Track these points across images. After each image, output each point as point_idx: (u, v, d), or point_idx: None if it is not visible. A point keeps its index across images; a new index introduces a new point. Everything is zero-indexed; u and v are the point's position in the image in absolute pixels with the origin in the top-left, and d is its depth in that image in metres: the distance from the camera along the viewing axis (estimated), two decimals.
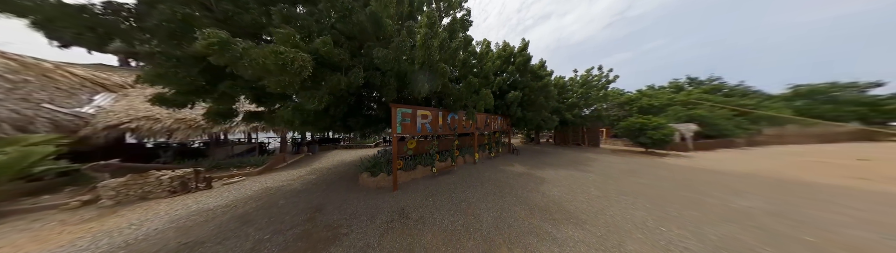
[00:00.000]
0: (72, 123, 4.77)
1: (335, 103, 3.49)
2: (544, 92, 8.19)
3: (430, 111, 5.18)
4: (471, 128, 6.75)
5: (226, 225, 3.05)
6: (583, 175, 5.64)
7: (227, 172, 6.03)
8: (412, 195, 4.09)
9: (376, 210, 3.43)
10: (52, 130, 4.58)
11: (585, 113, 11.96)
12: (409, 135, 4.80)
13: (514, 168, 6.47)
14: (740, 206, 3.57)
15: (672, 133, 10.04)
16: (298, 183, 5.24)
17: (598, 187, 4.55)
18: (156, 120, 5.43)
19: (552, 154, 9.65)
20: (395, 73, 3.56)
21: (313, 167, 7.23)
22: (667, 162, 7.93)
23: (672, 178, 5.45)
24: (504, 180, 5.09)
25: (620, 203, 3.66)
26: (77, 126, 4.82)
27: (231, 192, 4.65)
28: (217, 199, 4.20)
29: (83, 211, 3.66)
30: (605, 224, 2.91)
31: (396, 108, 4.30)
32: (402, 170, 4.99)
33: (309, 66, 2.39)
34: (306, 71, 2.39)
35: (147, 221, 3.22)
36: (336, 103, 3.55)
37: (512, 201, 3.73)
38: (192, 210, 3.65)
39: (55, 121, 4.66)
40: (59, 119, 4.65)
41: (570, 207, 3.46)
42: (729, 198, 3.95)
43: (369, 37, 3.37)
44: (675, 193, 4.20)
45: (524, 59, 8.24)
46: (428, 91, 3.69)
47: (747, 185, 4.84)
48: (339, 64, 2.98)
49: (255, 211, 3.53)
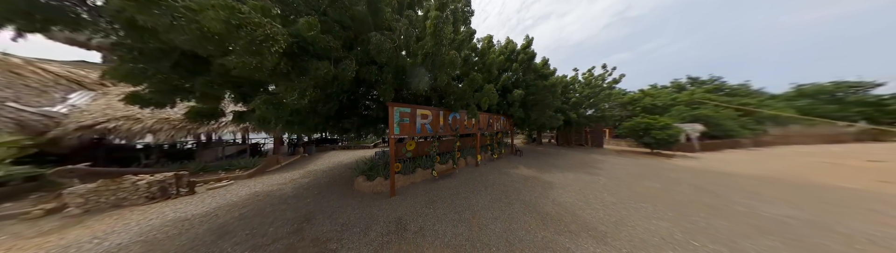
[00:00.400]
0: (40, 124, 4.39)
1: (323, 100, 3.09)
2: (550, 91, 7.87)
3: (430, 111, 4.84)
4: (473, 128, 6.42)
5: (201, 238, 2.70)
6: (592, 179, 5.32)
7: (214, 175, 5.67)
8: (411, 202, 3.75)
9: (371, 220, 3.09)
10: (17, 131, 4.20)
11: (589, 113, 11.65)
12: (408, 136, 4.46)
13: (519, 171, 6.14)
14: (771, 214, 3.26)
15: (678, 133, 9.76)
16: (290, 187, 4.89)
17: (611, 193, 4.23)
18: (136, 120, 5.07)
19: (556, 155, 9.33)
20: (393, 68, 3.20)
21: (308, 169, 6.88)
22: (676, 164, 7.64)
23: (686, 181, 5.15)
24: (510, 185, 4.76)
25: (640, 211, 3.34)
26: (46, 127, 4.45)
27: (215, 198, 4.29)
28: (198, 206, 3.85)
29: (45, 221, 3.30)
30: (628, 237, 2.58)
31: (394, 107, 3.96)
32: (400, 173, 4.65)
33: (281, 41, 1.96)
34: (277, 46, 1.95)
35: (113, 234, 2.87)
36: (324, 100, 3.14)
37: (521, 209, 3.40)
38: (168, 219, 3.29)
39: (20, 121, 4.27)
40: (25, 119, 4.27)
41: (586, 217, 3.13)
42: (755, 204, 3.64)
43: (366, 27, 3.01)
44: (695, 199, 3.89)
45: (528, 57, 7.92)
46: (428, 87, 3.33)
47: (768, 189, 4.54)
48: (328, 53, 2.61)
49: (236, 221, 3.18)
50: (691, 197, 4.02)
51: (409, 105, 4.33)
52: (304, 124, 3.52)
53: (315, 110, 3.34)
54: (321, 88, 2.81)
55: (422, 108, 4.64)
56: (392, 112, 3.93)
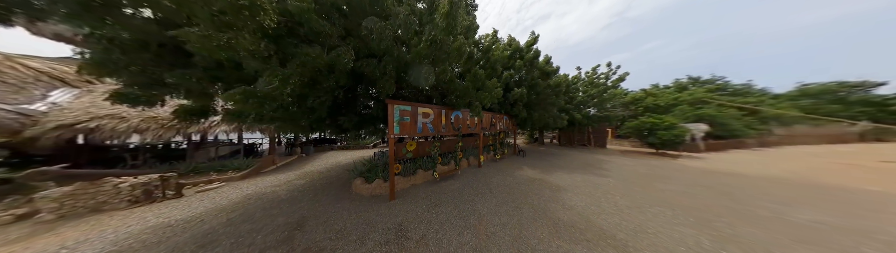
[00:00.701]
0: (16, 122, 4.13)
1: (314, 93, 2.81)
2: (554, 90, 7.64)
3: (432, 109, 4.60)
4: (476, 128, 6.18)
5: (181, 248, 2.45)
6: (601, 180, 5.08)
7: (205, 176, 5.41)
8: (412, 206, 3.51)
9: (369, 226, 2.84)
10: None
11: (592, 112, 11.43)
12: (409, 135, 4.22)
13: (524, 172, 5.91)
14: (800, 219, 3.02)
15: (684, 133, 9.55)
16: (284, 190, 4.64)
17: (624, 196, 4.00)
18: (121, 119, 4.80)
19: (560, 156, 9.10)
20: (394, 58, 2.93)
21: (304, 170, 6.62)
22: (684, 164, 7.41)
23: (699, 183, 4.92)
24: (515, 187, 4.52)
25: (659, 216, 3.10)
26: (22, 125, 4.19)
27: (203, 201, 4.04)
28: (184, 210, 3.59)
29: (15, 227, 3.05)
30: (651, 247, 2.34)
31: (394, 105, 3.72)
32: (400, 175, 4.41)
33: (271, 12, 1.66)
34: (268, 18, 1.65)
35: (85, 243, 2.61)
36: (315, 93, 2.82)
37: (530, 215, 3.16)
38: (148, 226, 3.04)
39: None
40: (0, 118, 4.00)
41: (601, 223, 2.89)
42: (780, 209, 3.41)
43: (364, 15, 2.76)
44: (714, 203, 3.65)
45: (533, 55, 7.69)
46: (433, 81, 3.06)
47: (787, 191, 4.31)
48: (321, 39, 2.35)
49: (223, 227, 2.93)
50: (709, 200, 3.79)
51: (409, 103, 4.09)
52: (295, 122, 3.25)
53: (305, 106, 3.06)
54: (313, 80, 2.54)
55: (423, 106, 4.40)
56: (392, 110, 3.69)
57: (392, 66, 2.93)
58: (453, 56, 3.08)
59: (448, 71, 3.38)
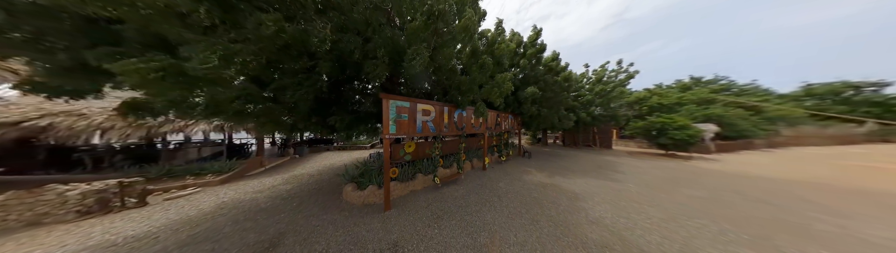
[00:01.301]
0: None
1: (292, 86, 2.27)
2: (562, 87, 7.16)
3: (433, 106, 4.09)
4: (481, 127, 5.67)
5: None
6: (620, 186, 4.59)
7: (180, 181, 4.85)
8: (410, 218, 3.00)
9: (358, 247, 2.33)
10: None
11: (598, 112, 10.97)
12: (407, 135, 3.70)
13: (533, 176, 5.40)
14: (874, 236, 2.55)
15: (698, 134, 9.11)
16: (265, 196, 4.10)
17: (651, 204, 3.51)
18: (80, 116, 4.24)
19: (567, 157, 8.62)
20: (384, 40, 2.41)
21: (293, 174, 6.08)
22: (700, 166, 6.96)
23: (727, 188, 4.45)
24: (527, 194, 4.01)
25: (703, 232, 2.61)
26: None
27: (168, 211, 3.49)
28: (140, 223, 3.05)
29: None
30: None
31: (389, 100, 3.20)
32: (397, 180, 3.89)
33: None
34: None
35: None
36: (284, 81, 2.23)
37: (551, 231, 2.65)
38: (88, 246, 2.49)
39: None
40: None
41: (640, 242, 2.39)
42: (840, 222, 2.93)
43: None
44: (757, 213, 3.18)
45: (537, 50, 7.21)
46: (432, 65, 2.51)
47: (829, 198, 3.85)
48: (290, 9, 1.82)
49: (177, 249, 2.39)
50: (749, 210, 3.31)
51: (407, 98, 3.57)
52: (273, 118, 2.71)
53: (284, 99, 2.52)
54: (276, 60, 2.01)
55: (423, 102, 3.89)
56: (386, 106, 3.17)
57: (384, 50, 2.39)
58: (459, 37, 2.55)
59: (451, 56, 2.85)
